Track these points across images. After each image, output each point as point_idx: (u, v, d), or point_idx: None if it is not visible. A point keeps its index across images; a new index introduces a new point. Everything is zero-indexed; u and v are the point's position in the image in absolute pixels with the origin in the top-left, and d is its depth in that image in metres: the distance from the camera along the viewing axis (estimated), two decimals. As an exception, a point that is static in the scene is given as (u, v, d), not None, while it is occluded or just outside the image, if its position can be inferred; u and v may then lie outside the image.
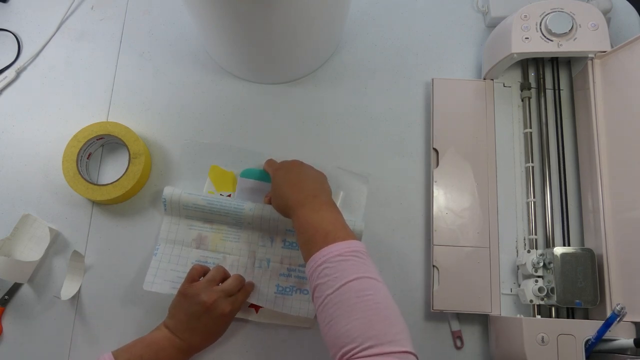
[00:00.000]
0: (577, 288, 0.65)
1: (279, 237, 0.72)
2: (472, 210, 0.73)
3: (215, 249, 0.72)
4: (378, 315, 0.49)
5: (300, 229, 0.59)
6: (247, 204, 0.71)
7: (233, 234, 0.72)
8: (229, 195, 0.75)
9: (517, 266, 0.71)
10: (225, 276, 0.66)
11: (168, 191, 0.71)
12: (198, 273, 0.66)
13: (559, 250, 0.66)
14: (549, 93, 0.78)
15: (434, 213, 0.73)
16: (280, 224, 0.71)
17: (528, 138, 0.76)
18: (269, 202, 0.69)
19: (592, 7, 0.71)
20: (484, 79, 0.78)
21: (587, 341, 0.61)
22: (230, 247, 0.72)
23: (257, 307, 0.72)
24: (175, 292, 0.65)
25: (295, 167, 0.67)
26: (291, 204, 0.62)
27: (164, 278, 0.69)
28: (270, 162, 0.73)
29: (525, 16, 0.72)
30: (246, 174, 0.75)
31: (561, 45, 0.70)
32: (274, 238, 0.72)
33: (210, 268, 0.67)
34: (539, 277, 0.68)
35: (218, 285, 0.65)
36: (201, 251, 0.72)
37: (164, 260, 0.71)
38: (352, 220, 0.69)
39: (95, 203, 0.75)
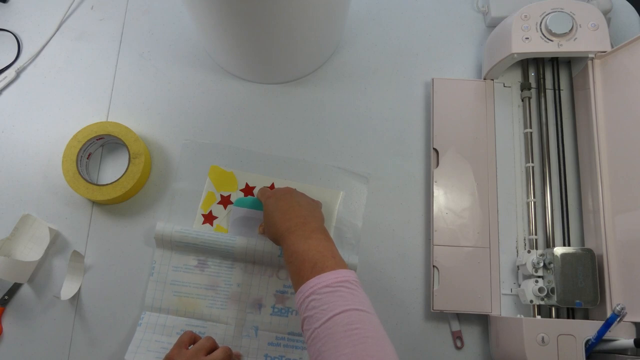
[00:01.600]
0: (577, 288, 0.65)
1: (267, 304, 0.70)
2: (472, 210, 0.73)
3: (202, 317, 0.70)
4: (366, 351, 0.47)
5: (289, 258, 0.58)
6: (238, 238, 0.71)
7: (220, 301, 0.71)
8: (229, 196, 0.75)
9: (517, 266, 0.71)
10: (213, 347, 0.63)
11: (159, 227, 0.71)
12: (189, 339, 0.63)
13: (559, 250, 0.66)
14: (549, 93, 0.78)
15: (434, 213, 0.73)
16: (274, 258, 0.71)
17: (528, 138, 0.76)
18: (263, 232, 0.67)
19: (592, 7, 0.71)
20: (484, 79, 0.78)
21: (587, 341, 0.61)
22: (217, 315, 0.70)
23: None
24: None
25: (286, 195, 0.66)
26: (281, 231, 0.61)
27: (148, 348, 0.68)
28: (263, 190, 0.72)
29: (526, 16, 0.72)
30: (239, 203, 0.74)
31: (561, 45, 0.70)
32: (262, 305, 0.70)
33: (200, 336, 0.65)
34: (539, 277, 0.68)
35: (206, 356, 0.61)
36: (187, 319, 0.70)
37: (148, 330, 0.69)
38: (345, 255, 0.69)
39: (95, 203, 0.75)
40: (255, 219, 0.74)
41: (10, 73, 0.80)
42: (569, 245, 0.71)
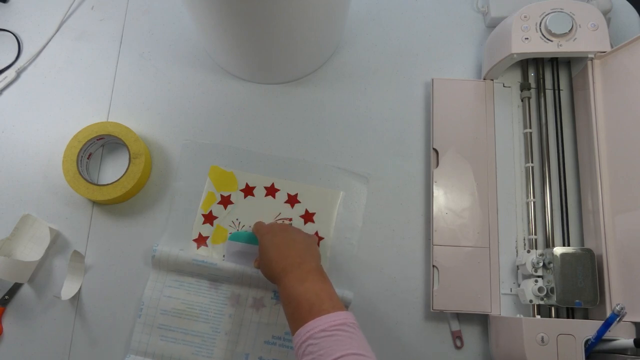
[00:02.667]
0: (577, 288, 0.65)
1: (254, 356, 0.70)
2: (472, 210, 0.73)
3: None
4: None
5: (285, 300, 0.58)
6: (231, 269, 0.71)
7: (205, 348, 0.69)
8: (229, 196, 0.75)
9: (517, 266, 0.71)
10: None
11: (160, 249, 0.71)
12: None
13: (558, 250, 0.66)
14: (549, 93, 0.78)
15: (434, 213, 0.73)
16: (267, 300, 0.71)
17: (528, 138, 0.76)
18: (259, 266, 0.66)
19: (592, 7, 0.71)
20: (484, 79, 0.78)
21: (587, 341, 0.61)
22: None
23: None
24: None
25: (282, 232, 0.65)
26: (276, 271, 0.60)
27: None
28: (258, 225, 0.70)
29: (525, 16, 0.72)
30: (235, 237, 0.73)
31: (561, 45, 0.70)
32: (248, 356, 0.69)
33: None
34: (538, 277, 0.68)
35: None
36: None
37: None
38: (339, 291, 0.69)
39: (95, 203, 0.75)
40: (250, 253, 0.72)
41: (10, 73, 0.80)
42: (568, 245, 0.71)
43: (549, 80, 0.78)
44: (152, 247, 0.71)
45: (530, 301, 0.67)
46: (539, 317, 0.67)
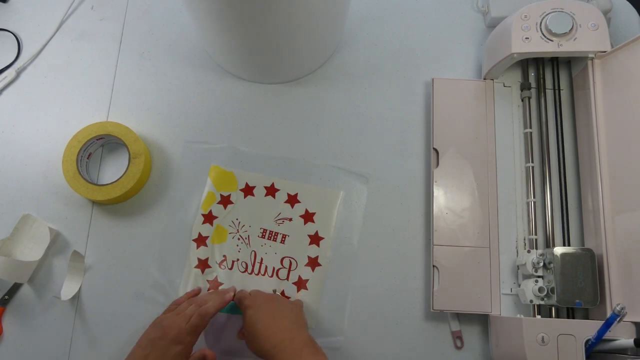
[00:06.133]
0: (577, 288, 0.65)
1: None
2: (472, 210, 0.73)
3: None
4: None
5: None
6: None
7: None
8: (229, 196, 0.75)
9: (517, 266, 0.71)
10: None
11: None
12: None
13: (559, 250, 0.66)
14: (549, 93, 0.78)
15: (434, 213, 0.73)
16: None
17: (528, 138, 0.76)
18: (243, 337, 0.65)
19: (592, 7, 0.71)
20: (484, 79, 0.78)
21: (587, 341, 0.61)
22: None
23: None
24: None
25: (266, 303, 0.64)
26: (266, 347, 0.60)
27: None
28: (241, 296, 0.68)
29: (525, 16, 0.72)
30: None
31: (561, 45, 0.70)
32: None
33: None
34: (539, 277, 0.68)
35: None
36: None
37: None
38: (327, 340, 0.70)
39: (95, 203, 0.75)
40: (234, 324, 0.71)
41: (10, 73, 0.80)
42: (568, 245, 0.71)
43: (549, 80, 0.78)
44: None
45: (531, 301, 0.67)
46: (539, 317, 0.67)
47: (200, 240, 0.74)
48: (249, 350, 0.63)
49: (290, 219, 0.75)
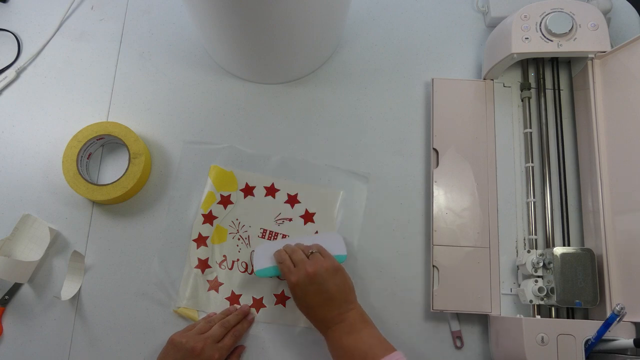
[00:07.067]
0: (577, 288, 0.65)
1: None
2: (472, 210, 0.73)
3: None
4: None
5: (335, 352, 0.61)
6: None
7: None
8: (229, 196, 0.75)
9: (517, 266, 0.71)
10: (224, 334, 0.67)
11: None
12: (206, 328, 0.66)
13: (558, 250, 0.66)
14: (549, 93, 0.78)
15: (434, 213, 0.73)
16: None
17: (528, 138, 0.76)
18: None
19: (592, 7, 0.71)
20: (484, 79, 0.78)
21: (587, 341, 0.61)
22: None
23: (257, 307, 0.72)
24: None
25: (311, 286, 0.63)
26: (318, 320, 0.63)
27: None
28: (283, 265, 0.66)
29: (525, 16, 0.72)
30: (261, 274, 0.71)
31: (561, 45, 0.70)
32: None
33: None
34: (538, 277, 0.68)
35: (217, 343, 0.65)
36: None
37: None
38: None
39: (95, 203, 0.75)
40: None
41: (10, 73, 0.80)
42: (568, 245, 0.71)
43: (549, 80, 0.78)
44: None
45: (530, 301, 0.67)
46: (539, 317, 0.67)
47: (200, 240, 0.74)
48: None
49: (290, 219, 0.75)
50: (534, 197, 0.73)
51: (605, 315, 0.62)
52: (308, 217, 0.75)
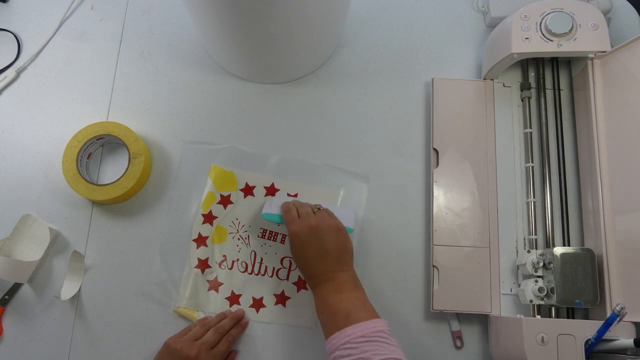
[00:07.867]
0: (577, 288, 0.65)
1: None
2: (472, 210, 0.73)
3: None
4: None
5: (320, 308, 0.61)
6: None
7: None
8: (229, 196, 0.75)
9: (517, 266, 0.71)
10: (218, 340, 0.67)
11: None
12: (201, 334, 0.66)
13: (558, 250, 0.66)
14: (549, 93, 0.78)
15: (434, 213, 0.73)
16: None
17: (528, 138, 0.76)
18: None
19: (592, 7, 0.71)
20: (484, 79, 0.78)
21: (587, 341, 0.61)
22: None
23: (257, 307, 0.72)
24: None
25: (312, 239, 0.64)
26: (309, 276, 0.64)
27: None
28: (286, 210, 0.68)
29: (525, 16, 0.72)
30: (268, 218, 0.71)
31: (561, 45, 0.70)
32: None
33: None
34: (539, 277, 0.68)
35: (211, 349, 0.65)
36: None
37: None
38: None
39: (95, 203, 0.75)
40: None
41: (10, 73, 0.80)
42: (568, 245, 0.71)
43: (549, 80, 0.78)
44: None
45: (531, 301, 0.67)
46: (539, 317, 0.67)
47: (200, 240, 0.74)
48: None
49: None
50: (534, 197, 0.73)
51: (605, 315, 0.62)
52: (308, 217, 0.75)
